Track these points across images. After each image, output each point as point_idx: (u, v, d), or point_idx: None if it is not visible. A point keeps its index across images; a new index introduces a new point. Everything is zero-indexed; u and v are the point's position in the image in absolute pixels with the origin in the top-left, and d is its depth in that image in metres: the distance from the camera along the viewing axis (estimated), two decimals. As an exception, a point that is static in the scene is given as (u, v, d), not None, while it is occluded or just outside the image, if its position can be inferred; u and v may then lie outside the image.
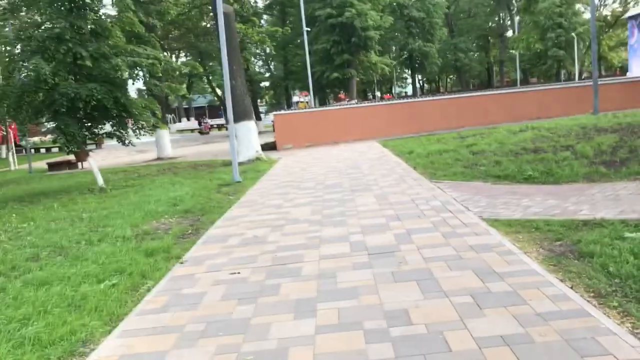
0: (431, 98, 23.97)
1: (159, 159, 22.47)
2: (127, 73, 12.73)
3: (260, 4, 48.49)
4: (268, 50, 49.95)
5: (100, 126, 14.61)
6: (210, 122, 52.22)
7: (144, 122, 14.34)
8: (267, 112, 55.94)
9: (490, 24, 68.93)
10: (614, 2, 53.32)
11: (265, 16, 47.54)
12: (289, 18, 45.07)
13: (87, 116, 14.13)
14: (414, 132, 20.96)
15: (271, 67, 56.53)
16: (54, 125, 13.17)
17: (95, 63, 13.04)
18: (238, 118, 16.78)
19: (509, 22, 69.28)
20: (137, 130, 14.87)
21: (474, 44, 69.88)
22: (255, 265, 5.14)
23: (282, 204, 8.36)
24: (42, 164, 23.58)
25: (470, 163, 10.45)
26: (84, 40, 13.20)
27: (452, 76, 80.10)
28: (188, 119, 78.87)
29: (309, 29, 34.25)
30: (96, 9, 13.48)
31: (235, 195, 10.00)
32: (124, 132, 14.49)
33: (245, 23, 26.04)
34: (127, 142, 14.94)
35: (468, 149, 12.71)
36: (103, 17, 13.96)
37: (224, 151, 17.74)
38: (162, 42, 25.81)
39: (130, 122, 14.52)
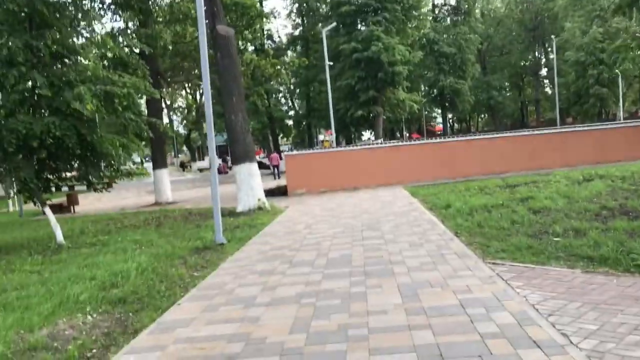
0: (467, 138, 20.92)
1: (156, 203, 19.89)
2: (89, 105, 10.09)
3: (284, 40, 46.91)
4: (292, 87, 48.06)
5: (66, 169, 12.14)
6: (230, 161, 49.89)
7: (117, 166, 11.82)
8: (290, 151, 53.58)
9: (524, 62, 65.92)
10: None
11: (289, 52, 45.69)
12: (313, 54, 42.94)
13: (50, 157, 11.65)
14: (448, 176, 17.97)
15: (295, 104, 54.51)
16: (2, 168, 10.71)
17: (59, 92, 10.57)
18: (238, 159, 14.13)
19: (543, 60, 66.24)
20: (113, 174, 12.36)
21: (508, 82, 66.84)
22: None
23: (256, 296, 5.44)
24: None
25: (537, 230, 7.37)
26: (43, 64, 10.80)
27: (483, 115, 76.82)
28: (211, 158, 77.06)
29: (331, 63, 31.82)
30: (62, 26, 11.09)
31: (203, 271, 7.13)
32: (94, 176, 11.98)
33: (259, 55, 23.70)
34: (100, 187, 12.48)
35: (524, 204, 9.66)
36: (74, 37, 11.57)
37: (233, 195, 14.96)
38: (169, 75, 23.69)
39: (102, 165, 12.03)
